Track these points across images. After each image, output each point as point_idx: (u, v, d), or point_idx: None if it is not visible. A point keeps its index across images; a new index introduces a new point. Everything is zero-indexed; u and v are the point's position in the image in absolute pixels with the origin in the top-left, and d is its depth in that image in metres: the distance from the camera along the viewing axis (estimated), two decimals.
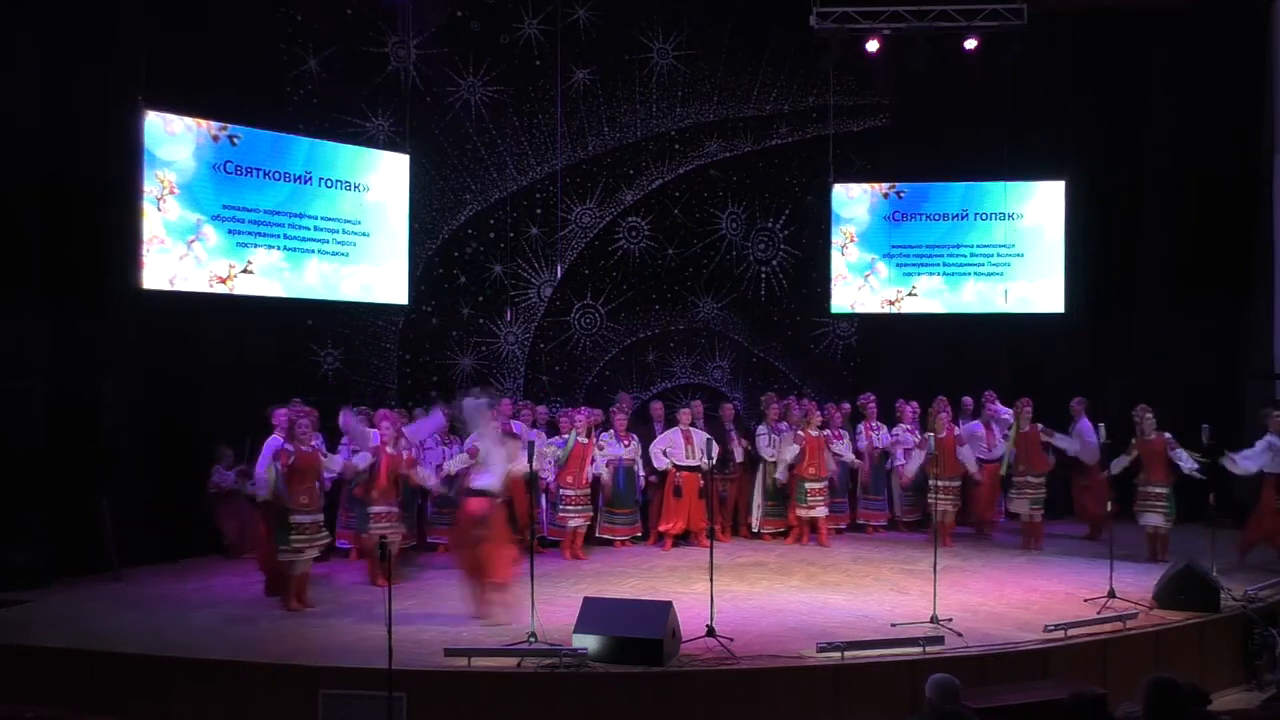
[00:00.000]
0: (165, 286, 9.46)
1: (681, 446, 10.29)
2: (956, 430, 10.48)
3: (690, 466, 10.24)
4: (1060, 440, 10.28)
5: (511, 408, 10.19)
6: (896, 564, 9.46)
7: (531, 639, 6.55)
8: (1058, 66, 12.29)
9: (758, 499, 10.78)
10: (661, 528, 10.37)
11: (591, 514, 10.12)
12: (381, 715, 5.67)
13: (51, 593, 8.21)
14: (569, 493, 9.84)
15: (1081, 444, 10.24)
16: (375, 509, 8.55)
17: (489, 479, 7.64)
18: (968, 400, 10.97)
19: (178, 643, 6.82)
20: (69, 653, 6.67)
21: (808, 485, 10.43)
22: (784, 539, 10.63)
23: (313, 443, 8.04)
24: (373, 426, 8.69)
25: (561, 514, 9.90)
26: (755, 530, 10.77)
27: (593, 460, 10.02)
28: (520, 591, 7.24)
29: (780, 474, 10.43)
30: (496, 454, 7.74)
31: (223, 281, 9.84)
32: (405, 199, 11.20)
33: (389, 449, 8.59)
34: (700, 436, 10.14)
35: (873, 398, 11.16)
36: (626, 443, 10.24)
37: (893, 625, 7.03)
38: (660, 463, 10.29)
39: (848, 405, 11.22)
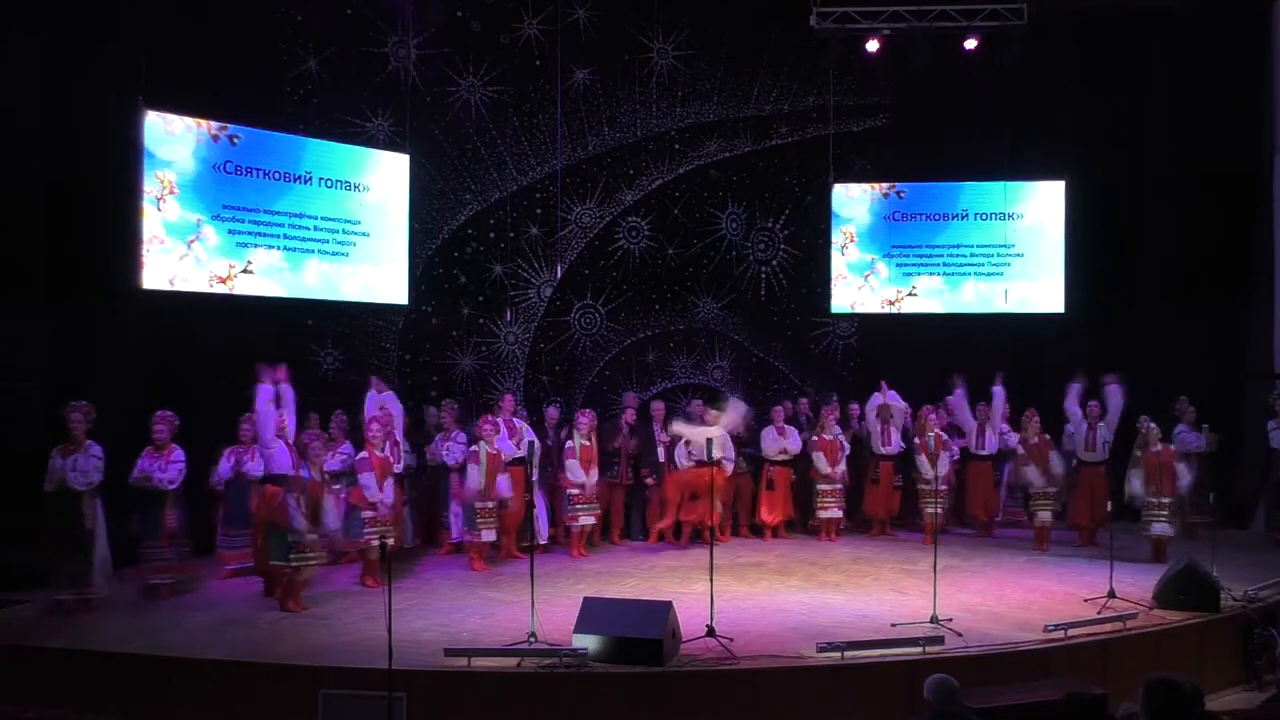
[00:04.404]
0: (165, 286, 9.46)
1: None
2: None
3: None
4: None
5: (513, 403, 10.34)
6: (896, 564, 9.46)
7: (531, 639, 6.55)
8: (1058, 66, 12.28)
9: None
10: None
11: (600, 513, 10.22)
12: (381, 715, 5.66)
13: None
14: (576, 492, 9.87)
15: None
16: (368, 513, 8.59)
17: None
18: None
19: (178, 643, 6.83)
20: (69, 653, 6.67)
21: (819, 486, 10.66)
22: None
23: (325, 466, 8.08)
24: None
25: (570, 514, 9.94)
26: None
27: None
28: (523, 590, 7.24)
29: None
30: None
31: (223, 281, 9.85)
32: (405, 199, 11.20)
33: (378, 451, 8.70)
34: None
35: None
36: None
37: (893, 625, 7.03)
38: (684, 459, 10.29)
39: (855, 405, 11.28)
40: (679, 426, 10.19)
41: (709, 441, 8.75)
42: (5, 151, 8.60)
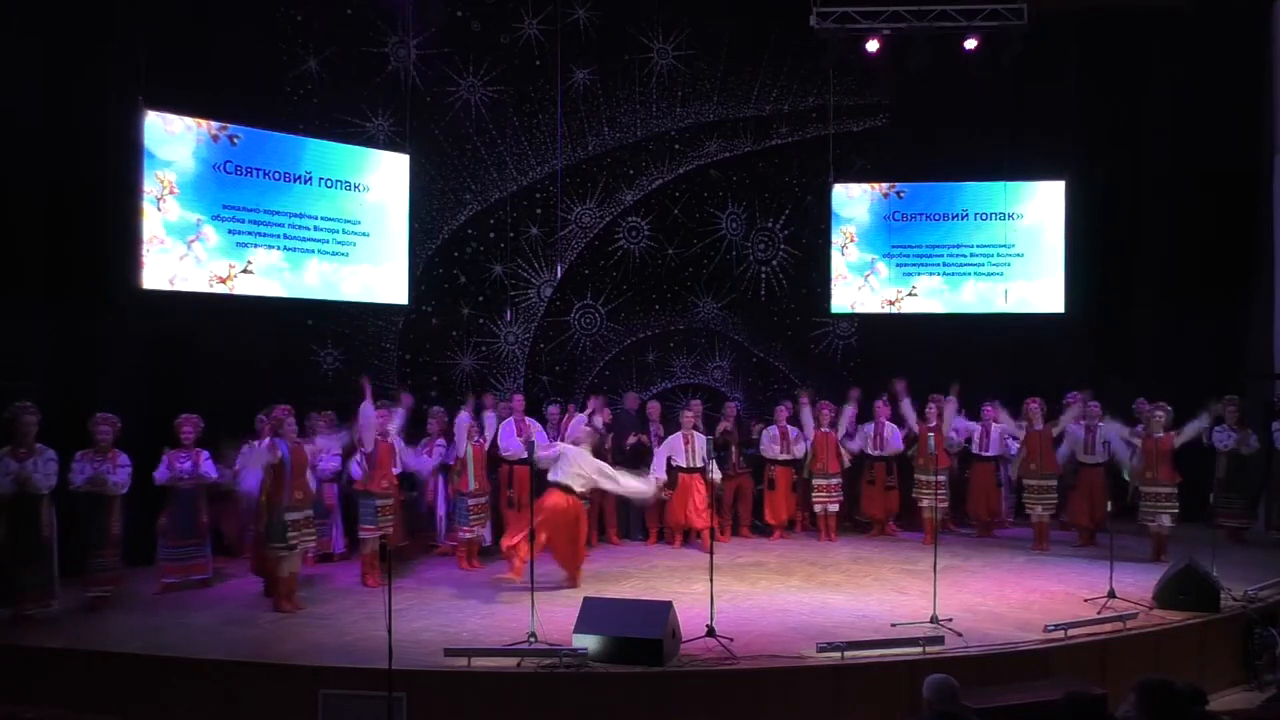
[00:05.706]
0: (165, 286, 9.46)
1: (682, 450, 10.32)
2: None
3: (690, 468, 10.28)
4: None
5: (523, 403, 10.41)
6: (896, 564, 9.47)
7: (531, 639, 6.56)
8: (1058, 66, 12.27)
9: None
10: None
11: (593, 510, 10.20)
12: (381, 715, 5.67)
13: None
14: None
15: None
16: (382, 502, 8.62)
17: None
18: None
19: (177, 643, 6.83)
20: (69, 653, 6.68)
21: (817, 481, 10.69)
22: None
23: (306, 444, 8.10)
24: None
25: None
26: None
27: None
28: (523, 590, 7.24)
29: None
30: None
31: (223, 281, 9.85)
32: (405, 199, 11.20)
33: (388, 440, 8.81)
34: (701, 439, 10.23)
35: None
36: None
37: (893, 625, 7.03)
38: (661, 471, 10.30)
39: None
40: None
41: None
42: (5, 151, 8.61)
